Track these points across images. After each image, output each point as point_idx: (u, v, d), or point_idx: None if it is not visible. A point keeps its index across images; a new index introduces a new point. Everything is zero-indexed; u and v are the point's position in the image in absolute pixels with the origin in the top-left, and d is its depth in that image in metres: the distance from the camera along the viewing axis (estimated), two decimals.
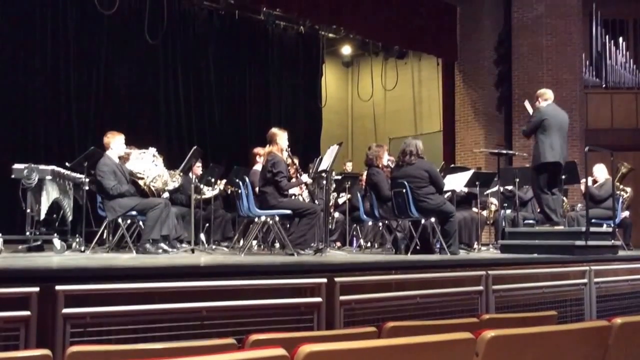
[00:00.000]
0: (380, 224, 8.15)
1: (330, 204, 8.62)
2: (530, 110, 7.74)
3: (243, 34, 12.93)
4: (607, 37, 13.78)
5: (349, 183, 9.04)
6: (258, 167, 7.79)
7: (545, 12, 13.15)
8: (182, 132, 11.94)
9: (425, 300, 4.60)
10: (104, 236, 7.06)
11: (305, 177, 7.00)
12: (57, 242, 6.32)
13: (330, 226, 8.43)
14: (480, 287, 5.03)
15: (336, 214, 9.51)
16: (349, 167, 11.57)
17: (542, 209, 7.30)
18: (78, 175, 7.02)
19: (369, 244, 8.89)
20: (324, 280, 4.11)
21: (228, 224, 8.92)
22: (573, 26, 13.16)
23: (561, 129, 7.23)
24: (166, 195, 7.05)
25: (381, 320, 3.83)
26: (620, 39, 13.79)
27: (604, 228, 7.95)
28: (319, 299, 4.05)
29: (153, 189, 6.68)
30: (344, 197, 9.33)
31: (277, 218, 6.59)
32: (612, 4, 14.03)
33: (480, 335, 2.41)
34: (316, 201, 7.10)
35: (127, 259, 5.28)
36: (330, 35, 14.23)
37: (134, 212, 6.49)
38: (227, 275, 3.89)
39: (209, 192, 8.62)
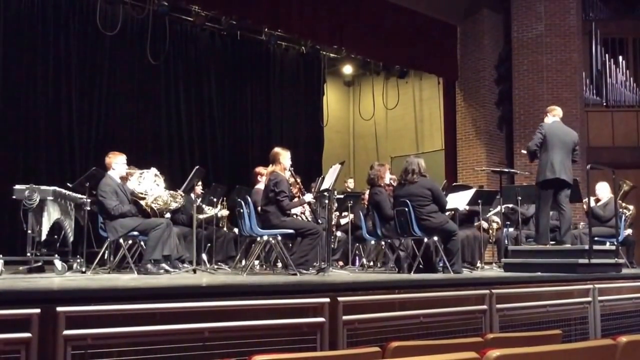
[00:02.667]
0: (383, 243, 8.13)
1: (333, 223, 8.60)
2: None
3: (245, 54, 13.02)
4: (606, 55, 13.84)
5: (351, 202, 9.02)
6: (260, 186, 7.77)
7: (545, 32, 13.23)
8: (183, 152, 11.97)
9: (428, 320, 4.58)
10: (105, 257, 7.03)
11: (307, 197, 6.99)
12: (58, 263, 6.29)
13: (332, 245, 8.40)
14: (484, 306, 5.00)
15: (338, 233, 9.48)
16: (350, 183, 11.56)
17: (537, 222, 7.34)
18: (79, 196, 7.01)
19: (371, 263, 8.85)
20: (327, 300, 4.09)
21: (230, 244, 8.89)
22: (573, 45, 13.23)
23: (563, 146, 7.20)
24: (168, 215, 7.03)
25: (384, 340, 3.80)
26: (620, 58, 13.84)
27: (607, 246, 7.91)
28: (321, 319, 4.02)
29: (155, 208, 6.66)
30: (346, 218, 9.30)
31: (279, 237, 6.57)
32: (611, 23, 14.12)
33: (485, 354, 2.39)
34: (319, 220, 7.09)
35: (129, 279, 5.25)
36: (332, 55, 14.32)
37: (135, 233, 6.47)
38: (229, 296, 3.87)
39: (210, 212, 8.60)
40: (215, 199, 8.73)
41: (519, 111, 13.27)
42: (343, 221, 9.59)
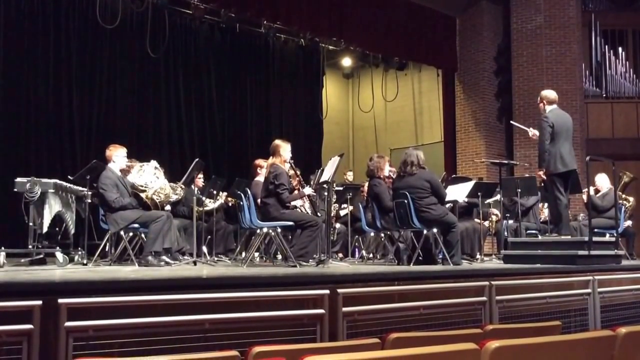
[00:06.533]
0: (383, 234, 8.14)
1: (332, 215, 8.61)
2: (525, 128, 7.72)
3: (244, 47, 13.00)
4: (606, 47, 13.82)
5: (351, 194, 9.04)
6: (260, 178, 7.79)
7: (544, 23, 13.21)
8: (183, 145, 11.97)
9: (428, 311, 4.59)
10: (106, 249, 7.06)
11: (307, 190, 7.00)
12: (59, 255, 6.32)
13: (332, 237, 8.42)
14: (484, 298, 5.02)
15: (338, 225, 9.50)
16: (349, 175, 11.56)
17: (557, 213, 7.13)
18: (80, 189, 7.03)
19: (371, 255, 8.87)
20: (327, 291, 4.10)
21: (230, 236, 8.91)
22: (572, 36, 13.22)
23: (568, 134, 7.10)
24: (168, 207, 7.05)
25: (384, 331, 3.82)
26: (620, 49, 13.83)
27: (607, 237, 7.93)
28: (321, 311, 4.04)
29: (156, 201, 6.68)
30: (346, 210, 9.32)
31: (279, 230, 6.59)
32: (610, 14, 14.10)
33: (484, 345, 2.40)
34: (318, 213, 7.10)
35: (130, 271, 5.27)
36: (331, 47, 14.30)
37: (136, 225, 6.49)
38: (229, 287, 3.89)
39: (211, 204, 8.62)
40: (215, 192, 8.74)
41: (519, 103, 13.27)
42: (343, 214, 9.60)
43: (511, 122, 8.37)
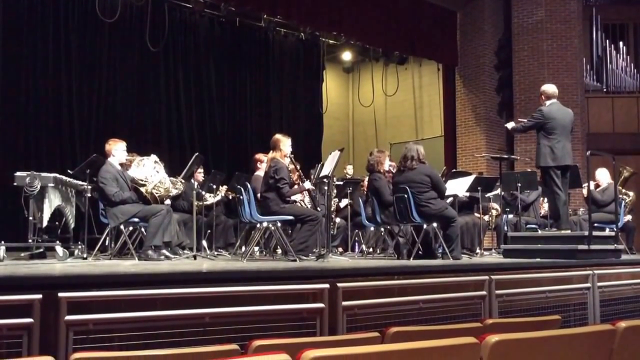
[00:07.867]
0: (382, 229, 8.15)
1: (332, 209, 8.61)
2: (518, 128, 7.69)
3: (244, 41, 12.97)
4: (607, 41, 13.80)
5: (351, 188, 9.03)
6: (260, 172, 7.79)
7: (545, 17, 13.18)
8: (183, 139, 11.95)
9: (428, 306, 4.59)
10: (106, 243, 7.06)
11: (307, 184, 7.00)
12: (59, 249, 6.32)
13: (332, 232, 8.42)
14: (483, 292, 5.02)
15: (338, 220, 9.49)
16: (349, 169, 11.55)
17: (555, 209, 7.12)
18: (80, 183, 7.03)
19: (371, 250, 8.88)
20: (327, 285, 4.10)
21: (230, 230, 8.92)
22: (573, 31, 13.18)
23: (564, 129, 7.08)
24: (168, 202, 7.05)
25: (384, 325, 3.80)
26: (621, 43, 13.81)
27: (607, 232, 7.92)
28: (321, 305, 4.04)
29: (156, 195, 6.68)
30: (345, 202, 9.32)
31: (279, 224, 6.59)
32: (611, 8, 14.07)
33: (484, 339, 2.40)
34: (318, 207, 7.10)
35: (130, 265, 5.27)
36: (331, 41, 14.28)
37: (136, 219, 6.50)
38: (229, 281, 3.89)
39: (210, 199, 8.62)
40: (214, 186, 8.74)
41: (519, 97, 13.24)
42: (342, 205, 9.59)
43: (506, 125, 8.25)
